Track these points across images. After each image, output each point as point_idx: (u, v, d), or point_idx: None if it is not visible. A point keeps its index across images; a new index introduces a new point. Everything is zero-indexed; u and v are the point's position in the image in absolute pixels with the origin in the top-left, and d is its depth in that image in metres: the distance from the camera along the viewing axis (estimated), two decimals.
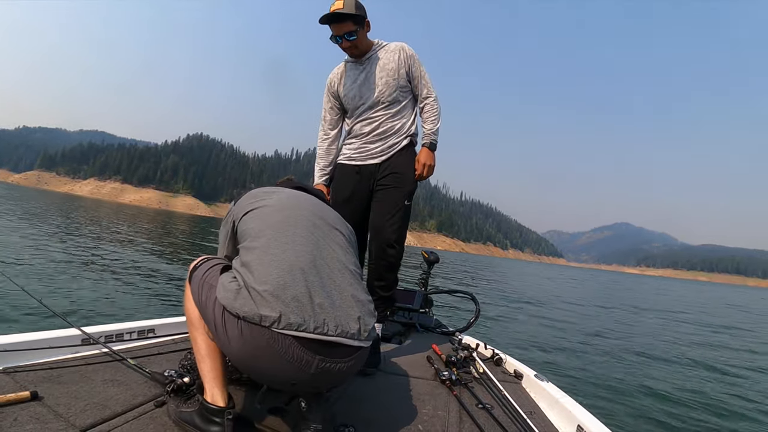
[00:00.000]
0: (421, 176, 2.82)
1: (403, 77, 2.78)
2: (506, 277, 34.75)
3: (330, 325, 1.39)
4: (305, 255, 1.51)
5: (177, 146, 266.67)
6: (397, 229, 2.73)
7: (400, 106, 2.81)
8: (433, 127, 2.84)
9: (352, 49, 2.75)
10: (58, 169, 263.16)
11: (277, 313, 1.33)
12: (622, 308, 19.31)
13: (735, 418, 5.45)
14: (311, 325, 1.36)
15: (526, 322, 11.17)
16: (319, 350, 1.38)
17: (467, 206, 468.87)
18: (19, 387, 1.56)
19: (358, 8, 2.63)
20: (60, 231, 18.01)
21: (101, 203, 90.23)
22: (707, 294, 55.00)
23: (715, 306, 30.44)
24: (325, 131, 3.04)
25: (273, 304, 1.35)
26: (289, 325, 1.34)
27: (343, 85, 2.89)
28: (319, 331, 1.37)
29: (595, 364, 7.54)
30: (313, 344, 1.37)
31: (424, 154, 2.82)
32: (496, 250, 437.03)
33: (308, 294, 1.41)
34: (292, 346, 1.35)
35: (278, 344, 1.34)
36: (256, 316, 1.33)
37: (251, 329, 1.35)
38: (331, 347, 1.40)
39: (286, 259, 1.47)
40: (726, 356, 9.78)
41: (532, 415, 2.00)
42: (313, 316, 1.37)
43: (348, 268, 1.59)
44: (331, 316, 1.41)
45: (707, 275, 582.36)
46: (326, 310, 1.41)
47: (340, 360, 1.43)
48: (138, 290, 8.58)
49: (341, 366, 1.44)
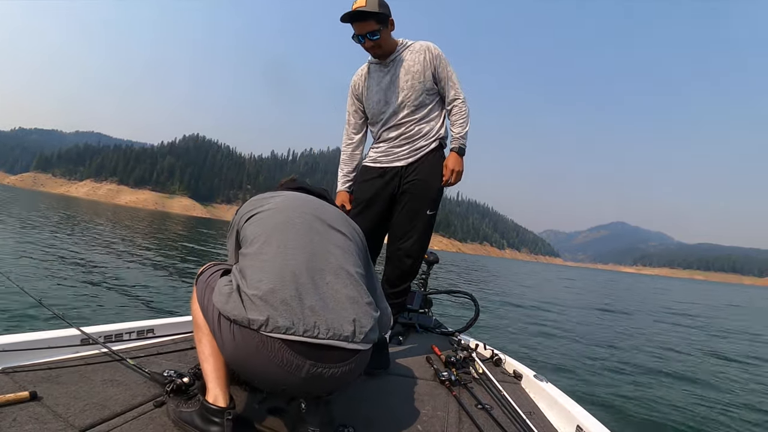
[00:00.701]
0: (449, 182, 2.70)
1: (429, 79, 2.67)
2: (501, 277, 34.67)
3: (321, 328, 1.38)
4: (298, 258, 1.50)
5: (173, 147, 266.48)
6: (416, 240, 2.69)
7: (427, 109, 2.72)
8: (462, 131, 2.71)
9: (375, 49, 2.64)
10: (54, 171, 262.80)
11: (264, 317, 1.34)
12: (620, 308, 19.30)
13: (736, 418, 5.42)
14: (300, 328, 1.35)
15: (526, 323, 11.14)
16: (310, 354, 1.37)
17: (464, 206, 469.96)
18: (18, 387, 1.56)
19: (382, 6, 2.52)
20: (58, 231, 17.92)
21: (97, 204, 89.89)
22: (707, 293, 54.97)
23: (718, 306, 30.45)
24: (349, 135, 2.94)
25: (261, 307, 1.35)
26: (276, 328, 1.33)
27: (367, 88, 2.80)
28: (308, 334, 1.36)
29: (594, 364, 7.52)
30: (303, 348, 1.36)
31: (453, 160, 2.69)
32: (492, 250, 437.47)
33: (298, 297, 1.40)
34: (282, 350, 1.34)
35: (267, 348, 1.34)
36: (245, 320, 1.34)
37: (242, 333, 1.35)
38: (323, 351, 1.39)
39: (278, 262, 1.47)
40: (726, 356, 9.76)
41: (531, 416, 2.00)
42: (302, 319, 1.37)
43: (344, 269, 1.57)
44: (323, 318, 1.40)
45: (704, 274, 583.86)
46: (317, 313, 1.40)
47: (334, 365, 1.41)
48: (138, 290, 8.51)
49: (335, 371, 1.42)
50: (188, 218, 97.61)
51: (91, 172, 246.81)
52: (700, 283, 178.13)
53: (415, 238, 2.68)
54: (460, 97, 2.71)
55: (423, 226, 2.70)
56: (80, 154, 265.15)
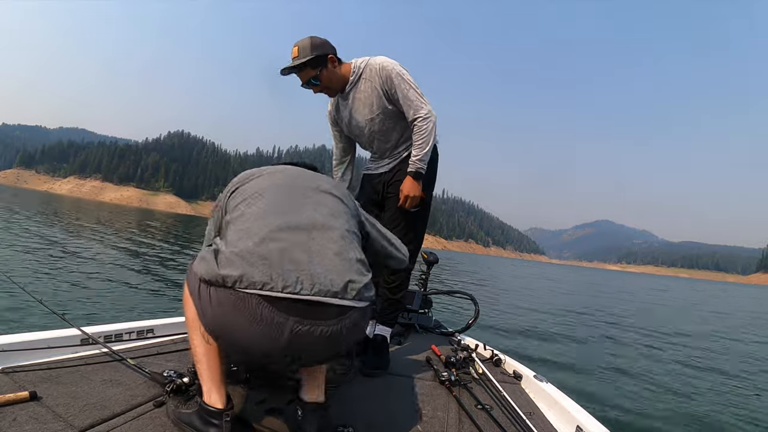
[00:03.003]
0: (403, 207, 2.60)
1: (384, 106, 2.58)
2: (487, 276, 34.83)
3: (305, 283, 1.29)
4: (282, 216, 1.46)
5: (158, 144, 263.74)
6: (404, 235, 2.60)
7: (394, 131, 2.69)
8: (419, 153, 2.54)
9: (325, 91, 2.61)
10: (37, 167, 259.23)
11: (238, 273, 1.27)
12: (618, 308, 19.42)
13: (736, 418, 5.45)
14: (279, 283, 1.27)
15: (525, 323, 11.16)
16: (294, 311, 1.29)
17: (449, 203, 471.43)
18: (18, 387, 1.56)
19: (315, 48, 2.45)
20: (57, 231, 17.85)
21: (81, 202, 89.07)
22: (702, 292, 55.61)
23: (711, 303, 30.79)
24: (338, 159, 3.02)
25: (237, 263, 1.30)
26: (252, 284, 1.27)
27: (340, 118, 2.82)
28: (289, 290, 1.27)
29: (594, 364, 7.57)
30: (285, 304, 1.28)
31: (408, 184, 2.57)
32: (477, 248, 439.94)
33: (279, 252, 1.33)
34: (260, 306, 1.27)
35: (245, 305, 1.27)
36: (219, 277, 1.29)
37: (217, 293, 1.30)
38: (309, 307, 1.30)
39: (260, 221, 1.43)
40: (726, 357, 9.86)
41: (531, 416, 2.02)
42: (282, 274, 1.29)
43: (333, 226, 1.50)
44: (307, 273, 1.31)
45: (688, 272, 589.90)
46: (301, 268, 1.32)
47: (322, 322, 1.32)
48: (137, 290, 8.52)
49: (324, 330, 1.32)
50: (173, 215, 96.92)
51: (74, 169, 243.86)
52: (686, 281, 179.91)
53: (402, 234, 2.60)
54: (420, 114, 2.53)
55: (407, 223, 2.69)
56: (64, 150, 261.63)
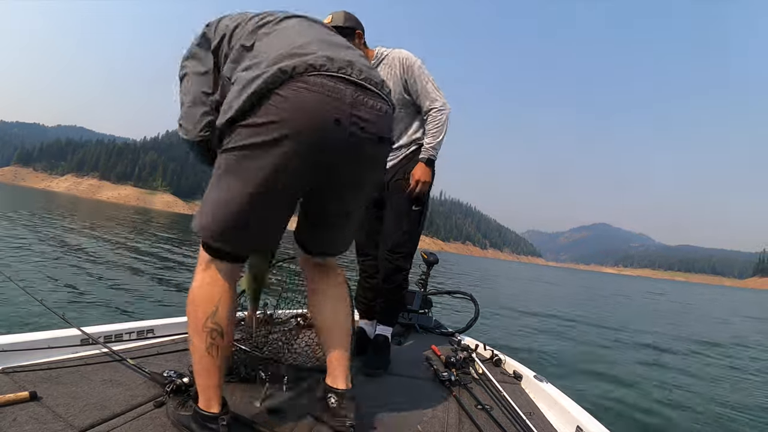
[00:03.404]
0: (412, 192, 2.63)
1: (401, 94, 2.65)
2: (485, 277, 34.86)
3: (354, 70, 1.32)
4: (316, 34, 1.43)
5: (156, 142, 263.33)
6: (403, 234, 2.65)
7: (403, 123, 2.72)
8: (433, 141, 2.62)
9: None
10: (35, 165, 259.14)
11: (291, 63, 1.26)
12: (616, 308, 19.47)
13: (736, 419, 5.45)
14: (335, 65, 1.29)
15: (524, 323, 11.18)
16: (350, 85, 1.30)
17: (447, 205, 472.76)
18: (18, 387, 1.55)
19: (348, 20, 2.51)
20: (55, 230, 17.81)
21: (78, 201, 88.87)
22: (702, 295, 55.63)
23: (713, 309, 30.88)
24: None
25: (287, 60, 1.27)
26: (310, 66, 1.26)
27: None
28: (344, 72, 1.30)
29: (594, 364, 7.58)
30: (341, 80, 1.29)
31: (420, 170, 2.62)
32: (475, 249, 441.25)
33: (326, 48, 1.34)
34: (320, 79, 1.26)
35: (304, 83, 1.25)
36: (274, 74, 1.24)
37: (272, 96, 1.25)
38: (361, 88, 1.33)
39: (293, 38, 1.38)
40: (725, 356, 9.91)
41: (531, 416, 2.01)
42: (334, 59, 1.30)
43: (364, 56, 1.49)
44: (353, 64, 1.34)
45: (684, 275, 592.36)
46: (347, 58, 1.34)
47: (377, 97, 1.36)
48: (137, 290, 8.44)
49: (380, 104, 1.37)
50: (171, 214, 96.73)
51: (72, 167, 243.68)
52: (683, 284, 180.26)
53: (400, 233, 2.66)
54: (436, 106, 2.62)
55: (408, 222, 2.68)
56: (62, 148, 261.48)
